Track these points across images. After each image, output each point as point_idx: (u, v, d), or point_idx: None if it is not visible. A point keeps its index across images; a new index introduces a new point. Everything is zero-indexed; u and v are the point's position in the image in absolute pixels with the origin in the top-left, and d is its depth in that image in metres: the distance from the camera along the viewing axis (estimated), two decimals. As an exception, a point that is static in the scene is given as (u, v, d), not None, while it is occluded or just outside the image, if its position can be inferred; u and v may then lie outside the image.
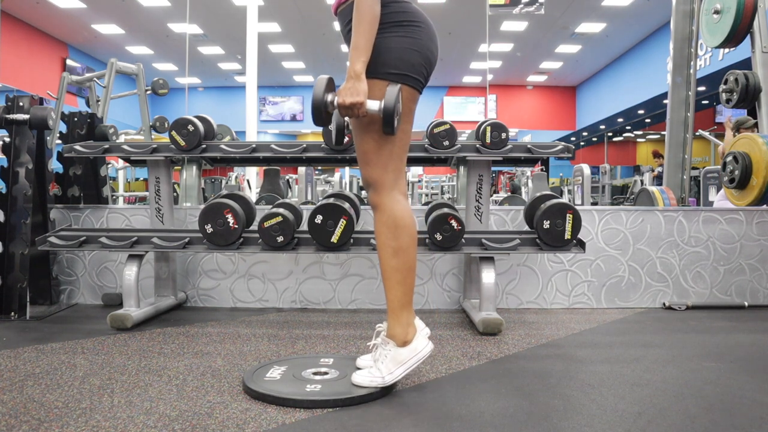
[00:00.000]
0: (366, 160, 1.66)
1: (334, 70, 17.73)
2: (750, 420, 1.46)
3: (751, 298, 2.99)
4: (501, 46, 15.11)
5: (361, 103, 1.52)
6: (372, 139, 1.63)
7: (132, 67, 6.18)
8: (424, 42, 1.63)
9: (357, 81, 1.52)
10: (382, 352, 1.64)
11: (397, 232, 1.63)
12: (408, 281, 1.65)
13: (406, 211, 1.65)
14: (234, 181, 9.68)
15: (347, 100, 1.52)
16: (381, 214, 1.65)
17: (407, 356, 1.62)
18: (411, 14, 1.63)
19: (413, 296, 1.68)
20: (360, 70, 1.53)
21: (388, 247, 1.64)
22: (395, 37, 1.59)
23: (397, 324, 1.64)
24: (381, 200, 1.65)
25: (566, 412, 1.51)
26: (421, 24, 1.64)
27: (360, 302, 2.96)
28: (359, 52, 1.54)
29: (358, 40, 1.54)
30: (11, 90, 10.78)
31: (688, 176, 4.72)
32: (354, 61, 1.54)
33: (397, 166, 1.68)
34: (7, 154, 2.75)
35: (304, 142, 2.75)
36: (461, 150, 2.64)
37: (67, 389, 1.67)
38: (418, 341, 1.64)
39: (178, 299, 2.88)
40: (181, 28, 13.18)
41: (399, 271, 1.64)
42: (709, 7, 4.15)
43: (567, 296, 2.98)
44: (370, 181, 1.67)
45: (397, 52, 1.59)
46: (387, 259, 1.64)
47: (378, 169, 1.65)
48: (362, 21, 1.53)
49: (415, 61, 1.62)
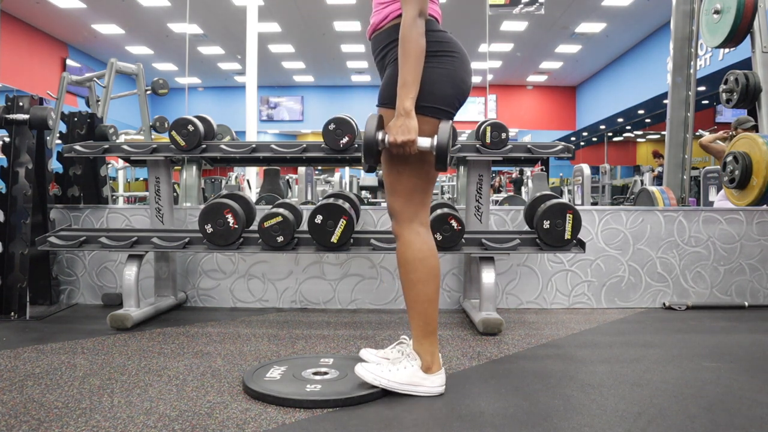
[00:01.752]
0: (392, 190, 1.64)
1: (335, 70, 17.76)
2: (750, 420, 1.46)
3: (751, 298, 2.99)
4: (501, 46, 15.11)
5: (413, 141, 1.50)
6: (399, 171, 1.61)
7: (132, 67, 6.18)
8: (458, 73, 1.60)
9: (407, 119, 1.50)
10: (407, 360, 1.63)
11: (414, 265, 1.62)
12: (429, 312, 1.63)
13: (424, 245, 1.63)
14: (234, 181, 9.68)
15: (399, 139, 1.50)
16: (399, 246, 1.65)
17: (420, 383, 1.61)
18: (446, 44, 1.59)
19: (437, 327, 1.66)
20: (410, 108, 1.50)
21: (406, 279, 1.64)
22: (429, 69, 1.55)
23: (421, 350, 1.63)
24: (401, 231, 1.64)
25: (566, 412, 1.51)
26: (456, 54, 1.60)
27: (360, 302, 2.96)
28: (408, 89, 1.50)
29: (407, 77, 1.50)
30: (11, 90, 10.77)
31: (688, 176, 4.72)
32: (403, 98, 1.50)
33: (422, 200, 1.66)
34: (7, 154, 2.75)
35: (304, 142, 2.75)
36: (461, 150, 2.64)
37: (67, 389, 1.66)
38: (439, 378, 1.63)
39: (178, 299, 2.88)
40: (181, 28, 13.18)
41: (418, 302, 1.63)
42: (709, 7, 4.15)
43: (567, 296, 2.98)
44: (393, 211, 1.66)
45: (430, 85, 1.56)
46: (407, 289, 1.65)
47: (401, 199, 1.63)
48: (410, 56, 1.50)
49: (448, 93, 1.59)
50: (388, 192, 1.66)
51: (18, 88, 10.90)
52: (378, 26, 1.65)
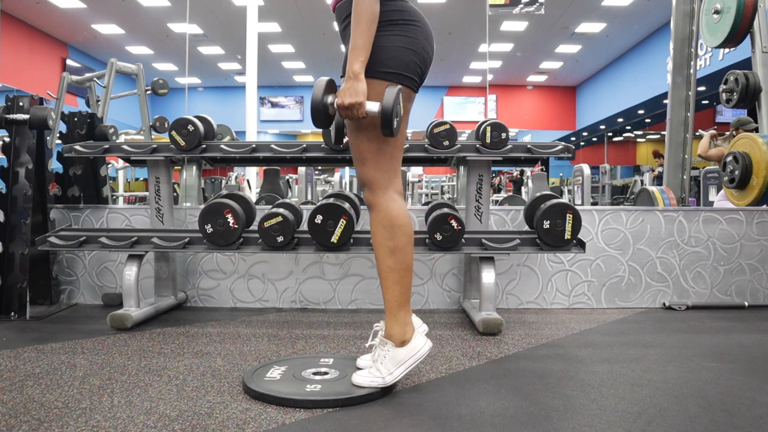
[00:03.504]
0: (361, 159, 1.65)
1: (334, 70, 17.70)
2: (750, 420, 1.46)
3: (751, 298, 2.99)
4: (501, 46, 15.11)
5: (361, 103, 1.51)
6: (367, 138, 1.62)
7: (132, 67, 6.18)
8: (419, 41, 1.62)
9: (356, 81, 1.51)
10: (380, 352, 1.64)
11: (393, 231, 1.62)
12: (405, 280, 1.64)
13: (401, 211, 1.64)
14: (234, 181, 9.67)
15: (346, 101, 1.51)
16: (377, 214, 1.65)
17: (406, 356, 1.62)
18: (407, 13, 1.61)
19: (411, 295, 1.67)
20: (359, 70, 1.51)
21: (384, 247, 1.63)
22: (390, 36, 1.58)
23: (395, 323, 1.63)
24: (376, 200, 1.65)
25: (566, 412, 1.51)
26: (417, 23, 1.62)
27: (360, 302, 2.96)
28: (358, 52, 1.52)
29: (357, 40, 1.52)
30: (11, 90, 10.78)
31: (688, 176, 4.72)
32: (352, 61, 1.52)
33: (393, 166, 1.67)
34: (7, 154, 2.75)
35: (304, 142, 2.75)
36: (461, 150, 2.64)
37: (67, 389, 1.67)
38: (416, 340, 1.64)
39: (178, 299, 2.88)
40: (181, 28, 13.17)
41: (396, 271, 1.63)
42: (709, 7, 4.15)
43: (567, 296, 2.98)
44: (366, 180, 1.66)
45: (392, 51, 1.58)
46: (383, 258, 1.64)
47: (373, 168, 1.64)
48: (361, 20, 1.52)
49: (410, 60, 1.61)
50: (356, 161, 1.67)
51: (18, 88, 10.91)
52: None
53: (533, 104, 19.77)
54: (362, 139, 1.63)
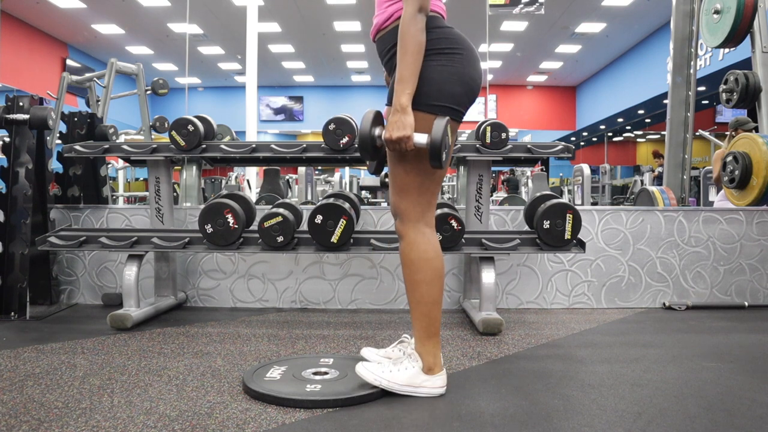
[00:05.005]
0: (397, 189, 1.62)
1: (334, 70, 17.75)
2: (750, 420, 1.46)
3: (751, 298, 2.99)
4: (501, 46, 15.10)
5: (409, 137, 1.48)
6: (409, 170, 1.59)
7: (132, 67, 6.18)
8: (466, 71, 1.58)
9: (403, 114, 1.48)
10: (408, 360, 1.62)
11: (419, 266, 1.60)
12: (432, 314, 1.62)
13: (429, 245, 1.62)
14: (234, 181, 9.67)
15: (394, 135, 1.48)
16: (404, 246, 1.63)
17: (421, 384, 1.61)
18: (453, 41, 1.57)
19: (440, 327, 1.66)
20: (406, 103, 1.48)
21: (409, 280, 1.62)
22: (438, 67, 1.54)
23: (424, 350, 1.62)
24: (406, 231, 1.62)
25: (566, 412, 1.51)
26: (464, 51, 1.58)
27: (360, 302, 2.96)
28: (405, 84, 1.49)
29: (404, 72, 1.49)
30: (11, 90, 10.77)
31: (688, 176, 4.72)
32: (399, 94, 1.49)
33: (429, 200, 1.64)
34: (7, 154, 2.75)
35: (304, 142, 2.75)
36: (461, 150, 2.64)
37: (67, 389, 1.66)
38: (439, 380, 1.63)
39: (178, 299, 2.88)
40: (181, 28, 13.17)
41: (422, 304, 1.61)
42: (709, 7, 4.15)
43: (567, 296, 2.98)
44: (398, 210, 1.64)
45: (440, 84, 1.54)
46: (410, 290, 1.63)
47: (407, 200, 1.61)
48: (407, 51, 1.48)
49: (457, 92, 1.57)
50: (393, 191, 1.64)
51: (18, 88, 10.90)
52: (382, 26, 1.64)
53: (533, 104, 19.76)
54: (405, 171, 1.60)
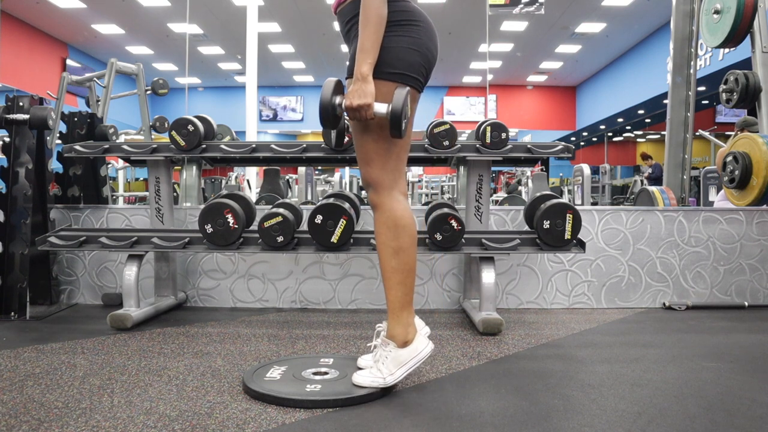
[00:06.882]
0: (366, 160, 1.66)
1: (334, 70, 17.73)
2: (750, 420, 1.46)
3: (751, 298, 2.99)
4: (501, 46, 15.10)
5: (369, 105, 1.51)
6: (372, 139, 1.62)
7: (132, 67, 6.18)
8: (423, 41, 1.62)
9: (364, 83, 1.51)
10: (382, 353, 1.64)
11: (397, 232, 1.62)
12: (408, 281, 1.64)
13: (406, 211, 1.65)
14: (234, 181, 9.67)
15: (355, 103, 1.51)
16: (380, 214, 1.65)
17: (408, 357, 1.62)
18: (410, 13, 1.62)
19: (413, 296, 1.68)
20: (367, 72, 1.51)
21: (387, 248, 1.63)
22: (395, 37, 1.58)
23: (398, 324, 1.63)
24: (381, 200, 1.65)
25: (566, 412, 1.51)
26: (421, 23, 1.63)
27: (360, 302, 2.96)
28: (366, 54, 1.52)
29: (365, 42, 1.52)
30: (11, 90, 10.78)
31: (688, 176, 4.72)
32: (360, 63, 1.52)
33: (397, 166, 1.67)
34: (7, 154, 2.75)
35: (304, 142, 2.75)
36: (461, 150, 2.64)
37: (67, 389, 1.67)
38: (418, 341, 1.64)
39: (178, 299, 2.88)
40: (181, 28, 13.17)
41: (399, 272, 1.63)
42: (709, 7, 4.15)
43: (567, 296, 2.98)
44: (370, 181, 1.66)
45: (398, 52, 1.58)
46: (387, 259, 1.64)
47: (378, 169, 1.64)
48: (369, 22, 1.52)
49: (415, 60, 1.61)
50: (361, 162, 1.67)
51: (18, 88, 10.90)
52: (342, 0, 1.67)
53: (533, 104, 19.76)
54: (368, 140, 1.63)
